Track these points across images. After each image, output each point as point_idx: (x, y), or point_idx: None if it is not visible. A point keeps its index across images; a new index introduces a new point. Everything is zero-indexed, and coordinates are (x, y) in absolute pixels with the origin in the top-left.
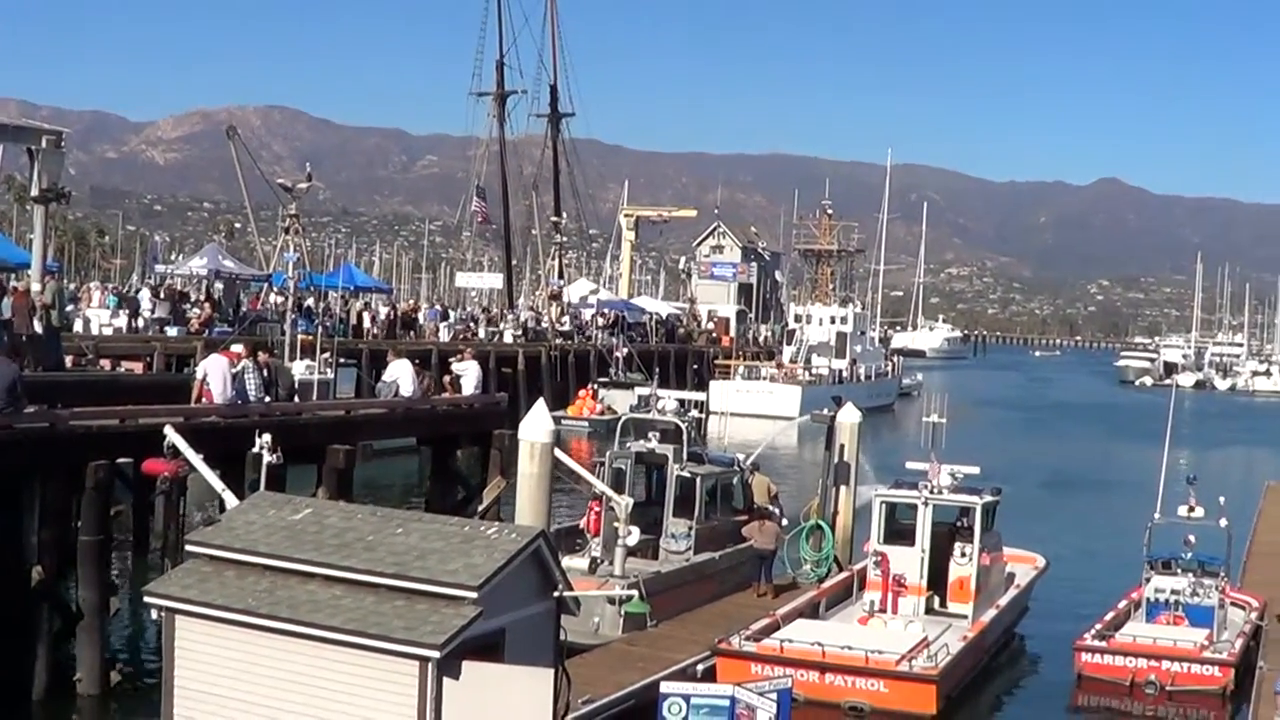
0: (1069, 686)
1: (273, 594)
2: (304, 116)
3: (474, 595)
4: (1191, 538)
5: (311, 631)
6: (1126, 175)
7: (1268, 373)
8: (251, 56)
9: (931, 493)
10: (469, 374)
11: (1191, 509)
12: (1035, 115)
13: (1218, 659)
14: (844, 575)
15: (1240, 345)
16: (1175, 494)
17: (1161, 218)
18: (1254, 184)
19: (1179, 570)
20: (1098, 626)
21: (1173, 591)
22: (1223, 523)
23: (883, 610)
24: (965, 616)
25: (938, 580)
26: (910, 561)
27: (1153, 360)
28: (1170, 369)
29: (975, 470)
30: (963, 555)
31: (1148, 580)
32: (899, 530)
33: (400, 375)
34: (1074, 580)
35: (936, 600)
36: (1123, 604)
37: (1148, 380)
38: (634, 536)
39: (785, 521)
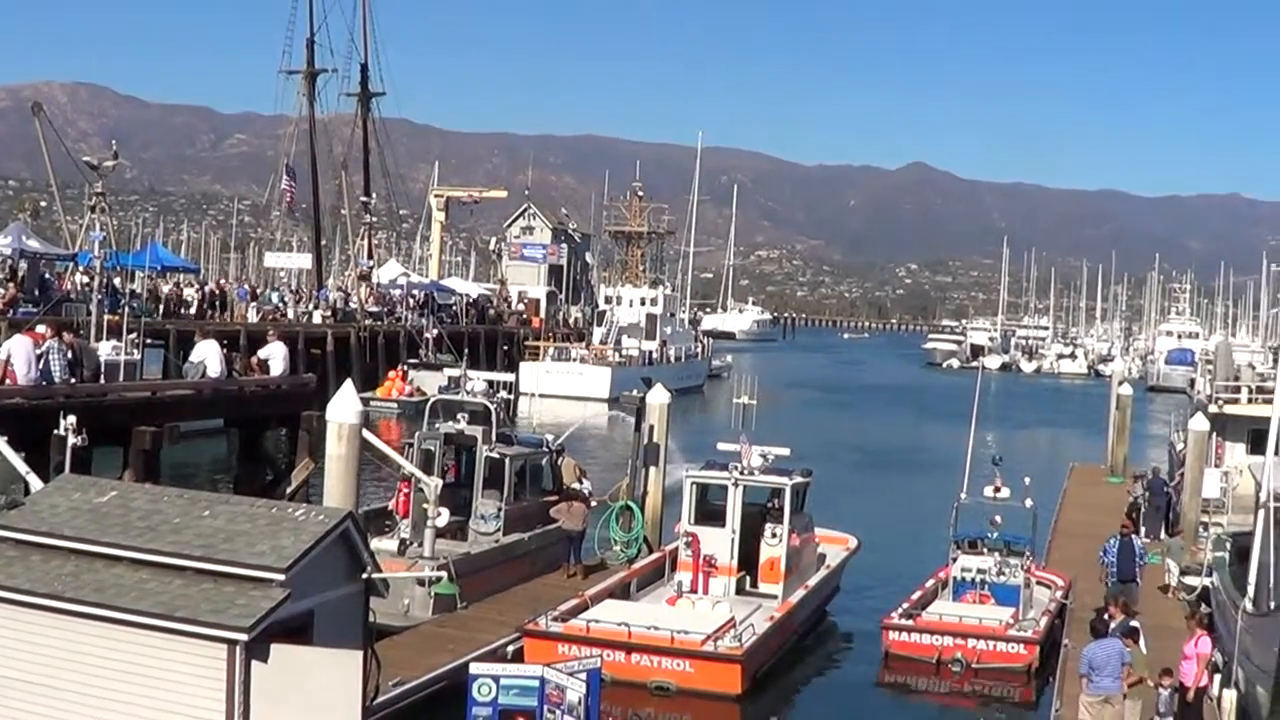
0: (877, 665)
1: (79, 578)
2: (110, 93)
3: (282, 577)
4: (998, 518)
5: (118, 615)
6: (934, 160)
7: (1073, 355)
8: (58, 32)
9: (742, 474)
10: (276, 357)
11: (997, 489)
12: (844, 99)
13: (1023, 637)
14: (656, 556)
15: (1046, 328)
16: (982, 475)
17: (969, 202)
18: (1059, 170)
19: (985, 550)
20: (905, 605)
21: (979, 570)
22: (1028, 503)
23: (693, 591)
24: (775, 597)
25: (749, 561)
26: (721, 542)
27: (960, 343)
28: (977, 351)
29: (785, 452)
30: (773, 536)
31: (954, 560)
32: (710, 511)
33: (207, 356)
34: (885, 560)
35: (748, 581)
36: (930, 583)
37: (955, 362)
38: (443, 518)
39: (594, 503)
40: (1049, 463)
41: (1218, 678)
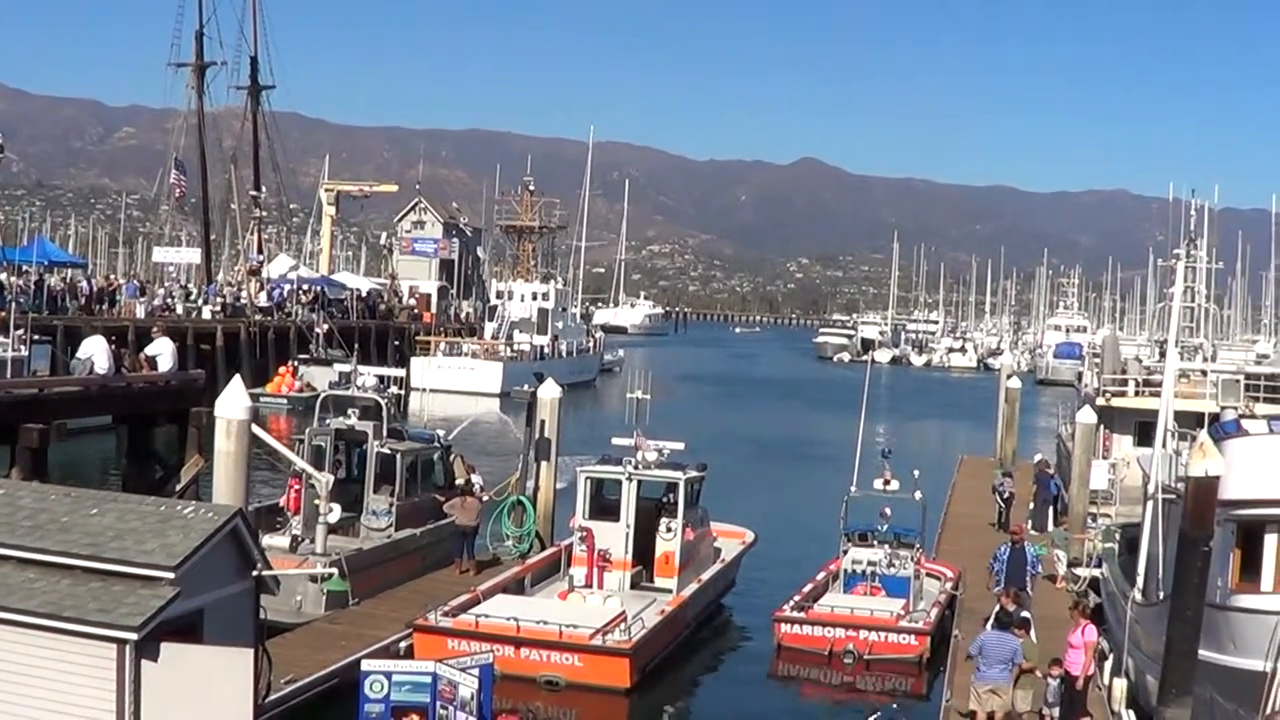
0: (769, 657)
1: None
2: None
3: (171, 575)
4: (887, 510)
5: (5, 615)
6: (825, 155)
7: (962, 349)
8: None
9: (636, 468)
10: (164, 353)
11: (887, 482)
12: (734, 94)
13: (914, 628)
14: (551, 551)
15: (936, 322)
16: (872, 467)
17: (860, 197)
18: (950, 166)
19: (875, 542)
20: (796, 598)
21: (869, 563)
22: (917, 495)
23: (588, 585)
24: (670, 591)
25: (644, 555)
26: (615, 537)
27: (850, 337)
28: (868, 345)
29: (680, 446)
30: (668, 530)
31: (845, 552)
32: (604, 506)
33: (95, 352)
34: (778, 553)
35: (643, 575)
36: (821, 575)
37: (845, 356)
38: (334, 514)
39: (487, 498)
40: (938, 455)
41: (1106, 666)
